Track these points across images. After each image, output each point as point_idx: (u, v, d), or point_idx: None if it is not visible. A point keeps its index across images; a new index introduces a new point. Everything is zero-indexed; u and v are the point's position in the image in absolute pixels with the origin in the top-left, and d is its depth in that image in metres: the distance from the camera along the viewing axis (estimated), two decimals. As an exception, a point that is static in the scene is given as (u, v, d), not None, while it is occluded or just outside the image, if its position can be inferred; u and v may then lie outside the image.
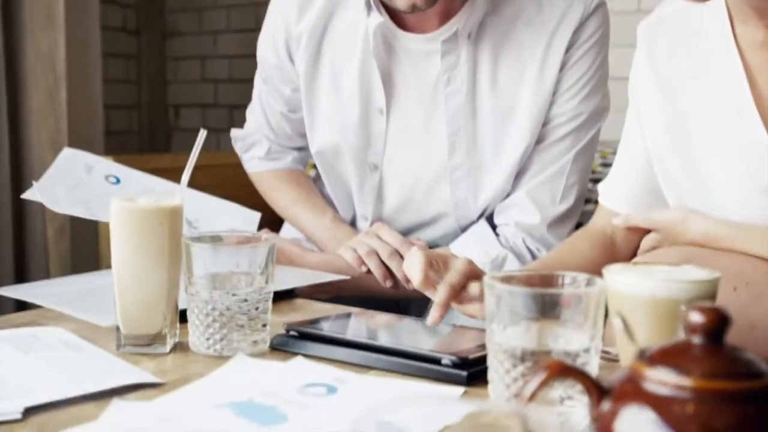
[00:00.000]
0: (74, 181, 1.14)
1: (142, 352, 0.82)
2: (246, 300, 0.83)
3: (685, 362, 0.44)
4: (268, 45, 1.32)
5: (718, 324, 0.45)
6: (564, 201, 1.22)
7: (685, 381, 0.43)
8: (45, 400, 0.67)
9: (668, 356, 0.45)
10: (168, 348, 0.83)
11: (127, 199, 0.83)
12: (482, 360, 0.75)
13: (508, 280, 0.65)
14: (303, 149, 1.42)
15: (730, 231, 0.91)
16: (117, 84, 3.02)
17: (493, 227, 1.26)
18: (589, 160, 1.26)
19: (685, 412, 0.43)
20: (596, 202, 1.61)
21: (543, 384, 0.46)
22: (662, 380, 0.44)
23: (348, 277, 1.17)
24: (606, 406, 0.46)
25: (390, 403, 0.40)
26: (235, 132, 1.45)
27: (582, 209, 1.33)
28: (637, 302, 0.68)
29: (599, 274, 1.15)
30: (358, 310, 0.99)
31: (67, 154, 1.19)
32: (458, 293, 0.86)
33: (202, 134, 0.84)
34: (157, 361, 0.81)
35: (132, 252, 0.81)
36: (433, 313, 0.85)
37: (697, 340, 0.45)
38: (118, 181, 1.18)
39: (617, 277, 0.70)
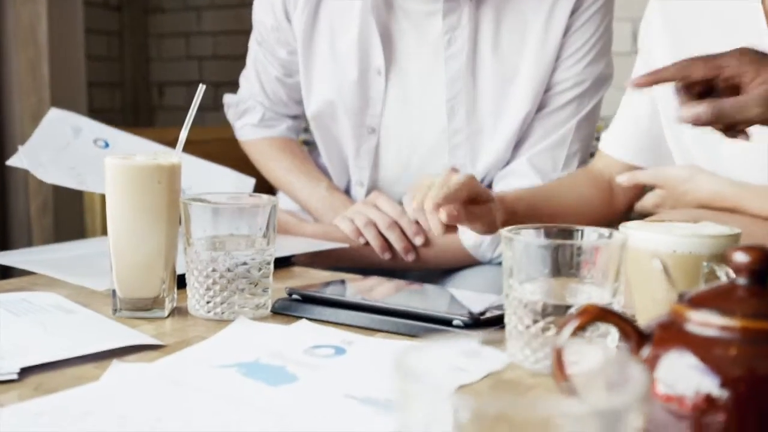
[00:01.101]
0: (61, 145, 1.10)
1: (140, 316, 0.79)
2: (246, 263, 0.80)
3: (730, 303, 0.42)
4: (264, 6, 1.29)
5: (763, 264, 0.43)
6: (566, 169, 1.20)
7: (730, 322, 0.41)
8: (42, 360, 0.64)
9: (712, 298, 0.43)
10: (166, 312, 0.80)
11: (124, 157, 0.79)
12: (494, 321, 0.73)
13: (527, 233, 0.63)
14: (297, 118, 1.39)
15: (737, 190, 0.89)
16: (99, 61, 2.96)
17: None
18: (591, 128, 1.24)
19: (728, 354, 0.41)
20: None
21: (579, 328, 0.44)
22: (706, 322, 0.42)
23: (346, 245, 1.14)
24: (646, 352, 0.43)
25: (419, 346, 0.37)
26: (228, 98, 1.41)
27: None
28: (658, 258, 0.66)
29: (593, 212, 1.15)
30: (360, 276, 0.97)
31: (54, 114, 1.14)
32: (456, 199, 0.85)
33: (201, 89, 0.81)
34: (156, 325, 0.78)
35: (129, 212, 0.78)
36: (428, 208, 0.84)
37: (741, 280, 0.43)
38: (107, 145, 1.14)
39: (636, 233, 0.67)
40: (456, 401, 0.31)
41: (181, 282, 0.83)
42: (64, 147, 1.09)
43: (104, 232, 1.68)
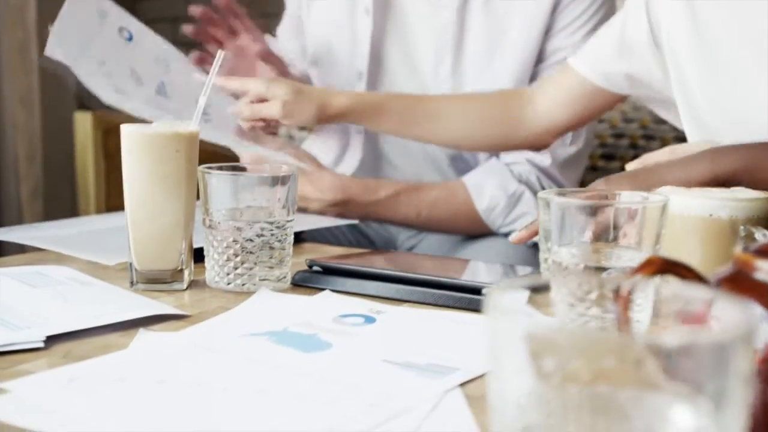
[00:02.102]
0: (86, 34, 1.08)
1: (158, 288, 0.77)
2: (265, 234, 0.78)
3: (800, 252, 0.41)
4: None
5: (832, 213, 0.42)
6: (574, 143, 1.19)
7: (803, 270, 0.41)
8: (67, 329, 0.62)
9: (780, 247, 0.42)
10: (185, 285, 0.79)
11: (141, 125, 0.77)
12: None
13: (565, 195, 0.62)
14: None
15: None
16: (85, 46, 2.92)
17: None
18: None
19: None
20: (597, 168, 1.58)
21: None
22: (777, 270, 0.41)
23: (355, 222, 1.12)
24: (712, 303, 0.42)
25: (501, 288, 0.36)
26: None
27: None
28: (693, 222, 0.65)
29: (476, 141, 1.15)
30: (374, 250, 0.95)
31: None
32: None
33: (220, 55, 0.79)
34: (175, 297, 0.76)
35: (146, 181, 0.76)
36: None
37: (811, 229, 0.43)
38: (131, 37, 1.14)
39: (671, 197, 0.67)
40: (559, 335, 0.29)
41: (196, 256, 0.81)
42: (89, 39, 1.08)
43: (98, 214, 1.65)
